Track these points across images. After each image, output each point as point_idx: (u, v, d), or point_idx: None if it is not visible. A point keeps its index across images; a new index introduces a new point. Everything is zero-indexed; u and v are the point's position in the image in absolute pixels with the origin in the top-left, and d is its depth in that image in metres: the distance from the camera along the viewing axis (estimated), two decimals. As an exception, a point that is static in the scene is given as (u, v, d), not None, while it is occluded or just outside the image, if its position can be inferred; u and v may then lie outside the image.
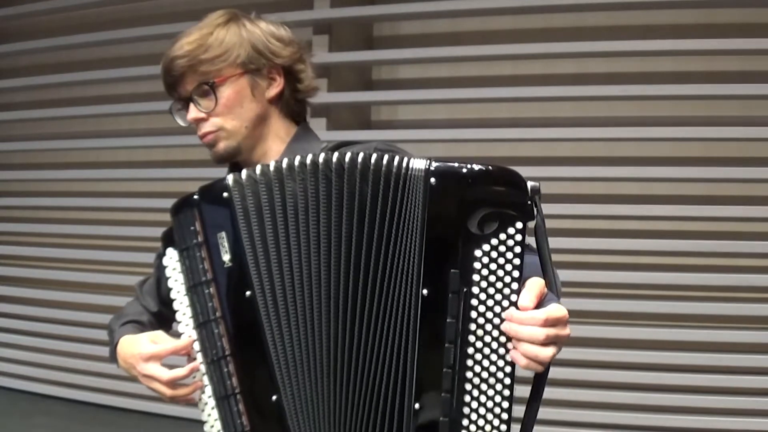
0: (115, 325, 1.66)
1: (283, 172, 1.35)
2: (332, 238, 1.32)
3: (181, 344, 1.45)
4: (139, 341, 1.52)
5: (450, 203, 1.25)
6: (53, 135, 4.88)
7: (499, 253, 1.22)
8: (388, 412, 1.30)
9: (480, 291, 1.23)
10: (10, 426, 4.19)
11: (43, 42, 4.71)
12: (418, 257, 1.26)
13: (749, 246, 3.36)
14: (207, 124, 1.56)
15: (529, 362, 1.22)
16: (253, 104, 1.56)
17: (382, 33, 4.20)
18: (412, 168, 1.28)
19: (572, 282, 3.47)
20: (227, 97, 1.54)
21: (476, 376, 1.24)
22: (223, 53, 1.53)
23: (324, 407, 1.35)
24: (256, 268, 1.36)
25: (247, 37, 1.55)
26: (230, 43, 1.53)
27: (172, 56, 1.55)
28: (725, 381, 3.35)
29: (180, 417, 4.17)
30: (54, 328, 4.64)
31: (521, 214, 1.22)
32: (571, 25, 3.74)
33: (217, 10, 1.59)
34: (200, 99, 1.55)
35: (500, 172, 1.25)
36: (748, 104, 3.46)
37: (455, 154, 3.86)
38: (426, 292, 1.26)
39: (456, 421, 1.25)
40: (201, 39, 1.54)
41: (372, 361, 1.31)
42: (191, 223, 1.42)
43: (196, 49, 1.53)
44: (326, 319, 1.33)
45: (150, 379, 1.49)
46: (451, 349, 1.24)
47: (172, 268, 1.47)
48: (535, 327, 1.21)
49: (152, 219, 4.42)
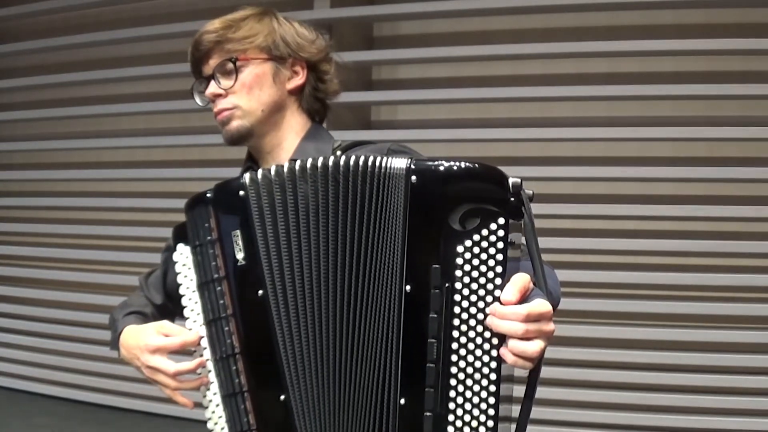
0: (119, 315, 1.66)
1: (297, 174, 1.36)
2: (329, 239, 1.34)
3: (189, 339, 1.45)
4: (145, 332, 1.52)
5: (431, 200, 1.26)
6: (53, 135, 4.88)
7: (482, 249, 1.23)
8: (378, 408, 1.31)
9: (463, 286, 1.24)
10: (10, 426, 4.19)
11: (43, 42, 4.71)
12: (401, 254, 1.28)
13: (750, 246, 3.36)
14: (224, 101, 1.58)
15: (516, 359, 1.22)
16: (273, 90, 1.59)
17: (382, 33, 4.20)
18: (392, 167, 1.30)
19: (572, 282, 3.47)
20: (248, 77, 1.57)
21: (461, 372, 1.24)
22: (250, 35, 1.58)
23: (329, 407, 1.36)
24: (269, 267, 1.37)
25: (277, 29, 1.61)
26: (259, 28, 1.59)
27: (202, 32, 1.59)
28: (725, 381, 3.36)
29: (180, 417, 4.18)
30: (54, 328, 4.65)
31: (503, 210, 1.23)
32: (571, 25, 3.74)
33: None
34: (221, 76, 1.58)
35: (481, 168, 1.26)
36: (748, 104, 3.46)
37: (455, 154, 3.85)
38: (409, 288, 1.27)
39: (441, 415, 1.25)
40: (233, 21, 1.59)
41: (360, 359, 1.32)
42: (205, 220, 1.43)
43: (225, 28, 1.58)
44: (325, 319, 1.35)
45: (154, 371, 1.48)
46: (434, 345, 1.25)
47: (182, 264, 1.47)
48: (516, 322, 1.20)
49: (152, 219, 4.42)
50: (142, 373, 1.52)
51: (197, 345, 1.45)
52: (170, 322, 1.54)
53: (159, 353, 1.48)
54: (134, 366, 1.54)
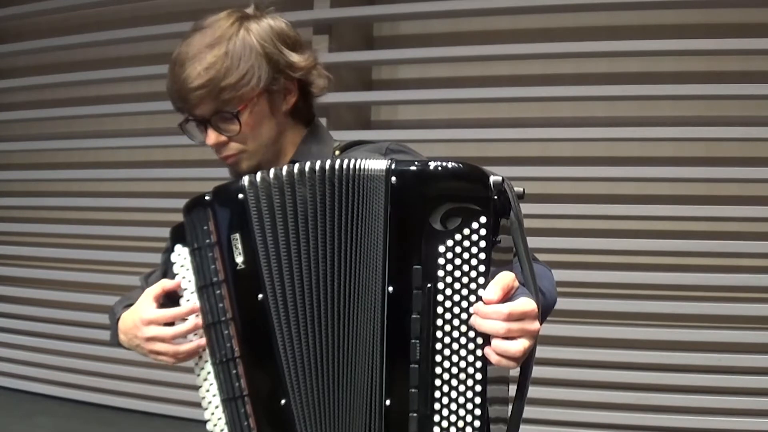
0: (118, 308, 1.64)
1: (295, 177, 1.35)
2: (319, 242, 1.34)
3: (182, 310, 1.45)
4: (140, 306, 1.50)
5: (411, 201, 1.26)
6: (53, 135, 4.88)
7: (464, 248, 1.22)
8: (367, 410, 1.31)
9: (445, 286, 1.24)
10: (11, 426, 4.19)
11: (42, 42, 4.71)
12: (383, 255, 1.28)
13: (749, 246, 3.36)
14: (227, 148, 1.52)
15: (500, 358, 1.21)
16: (272, 122, 1.52)
17: (382, 33, 4.20)
18: (372, 169, 1.30)
19: (572, 282, 3.48)
20: (248, 119, 1.48)
21: (446, 372, 1.24)
22: (243, 77, 1.45)
23: (326, 410, 1.36)
24: (268, 271, 1.37)
25: (261, 50, 1.47)
26: (248, 64, 1.45)
27: (189, 86, 1.45)
28: (725, 381, 3.36)
29: (180, 417, 4.18)
30: (54, 328, 4.65)
31: (485, 208, 1.22)
32: (571, 25, 3.74)
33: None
34: (220, 122, 1.49)
35: (461, 168, 1.25)
36: (748, 104, 3.46)
37: (455, 154, 3.85)
38: (391, 289, 1.27)
39: (426, 416, 1.25)
40: (217, 62, 1.45)
41: (349, 362, 1.32)
42: (204, 223, 1.42)
43: (214, 77, 1.44)
44: (319, 322, 1.35)
45: (153, 341, 1.47)
46: (417, 345, 1.25)
47: (180, 266, 1.47)
48: (497, 321, 1.20)
49: (152, 219, 4.42)
50: (143, 351, 1.51)
51: (190, 316, 1.45)
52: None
53: (153, 324, 1.47)
54: (134, 348, 1.53)
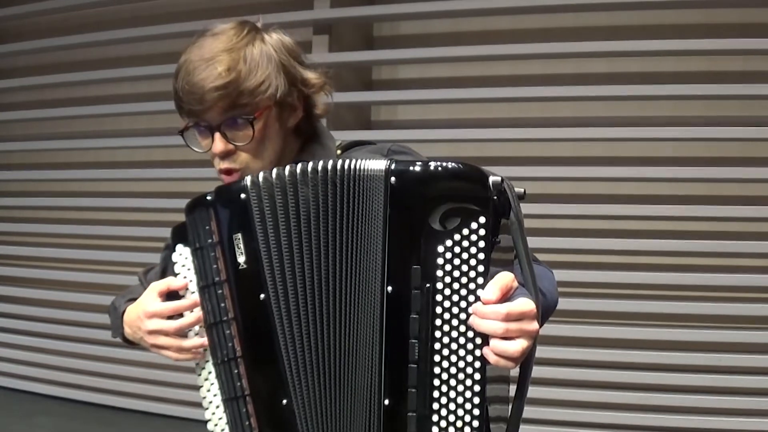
0: (120, 302, 1.64)
1: (297, 177, 1.35)
2: (321, 242, 1.34)
3: (184, 303, 1.45)
4: (144, 299, 1.49)
5: (410, 201, 1.26)
6: (53, 135, 4.88)
7: (463, 249, 1.23)
8: (367, 410, 1.31)
9: (444, 287, 1.24)
10: (11, 426, 4.19)
11: (42, 42, 4.71)
12: (382, 255, 1.28)
13: (750, 246, 3.36)
14: (232, 159, 1.48)
15: (498, 358, 1.21)
16: (278, 137, 1.49)
17: (382, 33, 4.20)
18: (372, 169, 1.30)
19: (572, 282, 3.48)
20: (259, 131, 1.46)
21: (444, 372, 1.24)
22: (261, 84, 1.43)
23: (328, 410, 1.36)
24: (270, 271, 1.37)
25: (278, 61, 1.45)
26: (266, 73, 1.43)
27: (207, 86, 1.41)
28: (725, 381, 3.36)
29: (180, 417, 4.18)
30: (54, 328, 4.65)
31: (484, 209, 1.22)
32: (571, 25, 3.74)
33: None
34: (229, 129, 1.45)
35: (460, 168, 1.26)
36: (748, 104, 3.46)
37: (455, 154, 3.86)
38: (390, 289, 1.28)
39: (425, 416, 1.25)
40: (237, 65, 1.42)
41: (350, 362, 1.33)
42: (206, 223, 1.42)
43: (235, 79, 1.41)
44: (320, 322, 1.35)
45: (156, 334, 1.47)
46: (416, 345, 1.25)
47: (181, 265, 1.47)
48: (495, 321, 1.20)
49: (152, 219, 4.42)
50: (146, 344, 1.51)
51: (191, 310, 1.45)
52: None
53: (156, 317, 1.46)
54: (139, 341, 1.53)
